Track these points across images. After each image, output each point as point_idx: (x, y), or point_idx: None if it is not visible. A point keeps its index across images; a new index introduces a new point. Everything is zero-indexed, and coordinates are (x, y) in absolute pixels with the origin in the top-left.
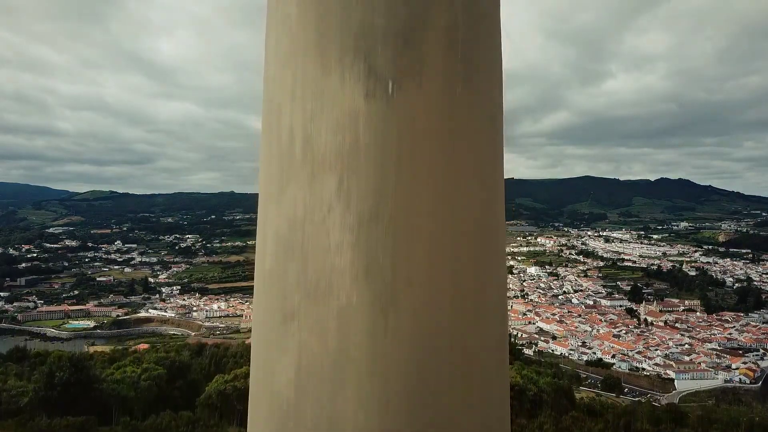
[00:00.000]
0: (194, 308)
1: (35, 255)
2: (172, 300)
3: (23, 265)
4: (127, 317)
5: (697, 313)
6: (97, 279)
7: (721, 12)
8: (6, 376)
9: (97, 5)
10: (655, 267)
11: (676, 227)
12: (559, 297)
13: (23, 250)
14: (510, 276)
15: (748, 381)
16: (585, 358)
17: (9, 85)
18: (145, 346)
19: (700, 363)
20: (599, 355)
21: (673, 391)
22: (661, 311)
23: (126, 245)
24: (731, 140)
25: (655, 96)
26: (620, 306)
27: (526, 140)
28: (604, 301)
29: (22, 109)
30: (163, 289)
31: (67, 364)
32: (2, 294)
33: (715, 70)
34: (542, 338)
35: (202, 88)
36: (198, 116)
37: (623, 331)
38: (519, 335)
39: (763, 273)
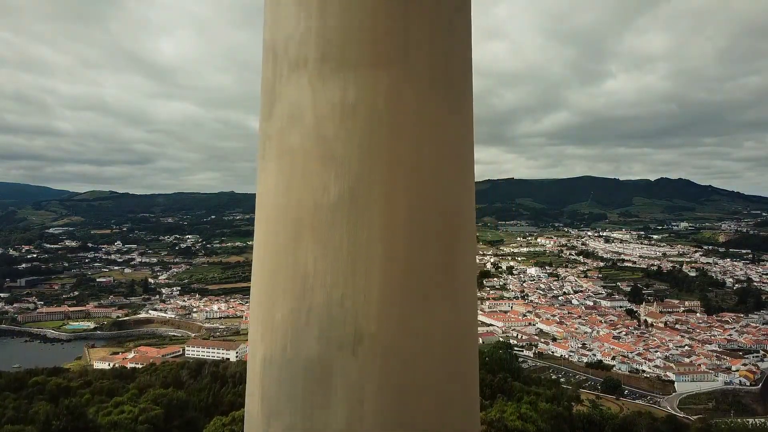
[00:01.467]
0: (194, 309)
1: (35, 255)
2: (171, 301)
3: (23, 265)
4: (127, 318)
5: (697, 314)
6: (97, 280)
7: (721, 12)
8: (4, 410)
9: (97, 5)
10: (655, 268)
11: (676, 227)
12: (559, 298)
13: (23, 250)
14: (510, 277)
15: (748, 383)
16: (585, 359)
17: (9, 85)
18: (146, 348)
19: (700, 365)
20: (599, 356)
21: (673, 394)
22: (661, 312)
23: (126, 246)
24: (731, 140)
25: (655, 96)
26: (620, 307)
27: (526, 140)
28: (604, 302)
29: (22, 109)
30: (163, 290)
31: (65, 412)
32: (2, 295)
33: (715, 70)
34: (542, 340)
35: (202, 88)
36: (198, 116)
37: (623, 333)
38: (519, 337)
39: (763, 273)
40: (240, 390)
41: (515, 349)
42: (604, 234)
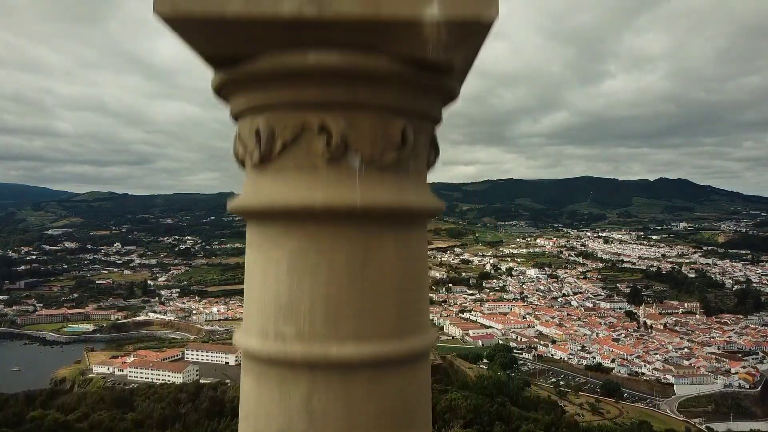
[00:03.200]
0: (194, 311)
1: (34, 257)
2: (171, 303)
3: (22, 267)
4: (127, 321)
5: (697, 316)
6: (97, 282)
7: (721, 12)
8: None
9: (96, 6)
10: (654, 268)
11: (675, 227)
12: (559, 299)
13: (22, 252)
14: (509, 278)
15: (747, 386)
16: (584, 362)
17: (8, 85)
18: (145, 352)
19: (699, 367)
20: (599, 359)
21: (673, 396)
22: (660, 314)
23: (125, 247)
24: (730, 140)
25: (655, 96)
26: (620, 308)
27: (525, 140)
28: (603, 304)
29: (21, 110)
30: (163, 292)
31: None
32: (1, 297)
33: (714, 70)
34: (542, 342)
35: (201, 89)
36: (197, 116)
37: (623, 335)
38: (519, 339)
39: (762, 275)
40: (237, 425)
41: (515, 351)
42: (604, 234)
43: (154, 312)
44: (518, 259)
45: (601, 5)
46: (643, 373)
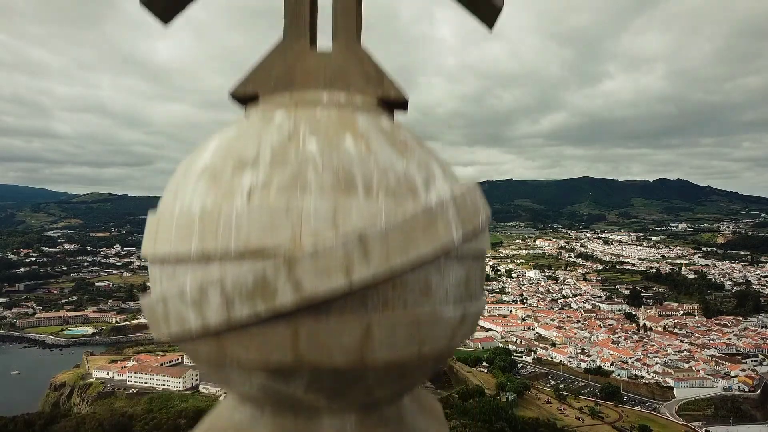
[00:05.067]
0: None
1: (34, 259)
2: None
3: (22, 270)
4: (126, 323)
5: (696, 318)
6: (96, 284)
7: (720, 13)
8: None
9: (94, 8)
10: (653, 270)
11: (674, 228)
12: (558, 301)
13: (22, 254)
14: (509, 280)
15: (746, 389)
16: (584, 365)
17: (6, 87)
18: (144, 356)
19: (699, 371)
20: (598, 362)
21: (672, 400)
22: (660, 316)
23: (125, 249)
24: (729, 140)
25: (654, 97)
26: (619, 310)
27: (524, 141)
28: (603, 306)
29: (20, 111)
30: None
31: None
32: (1, 300)
33: (713, 70)
34: (541, 345)
35: (200, 90)
36: (196, 118)
37: (622, 337)
38: (518, 342)
39: (761, 276)
40: None
41: (514, 354)
42: (603, 236)
43: None
44: (518, 261)
45: (600, 6)
46: (642, 376)
